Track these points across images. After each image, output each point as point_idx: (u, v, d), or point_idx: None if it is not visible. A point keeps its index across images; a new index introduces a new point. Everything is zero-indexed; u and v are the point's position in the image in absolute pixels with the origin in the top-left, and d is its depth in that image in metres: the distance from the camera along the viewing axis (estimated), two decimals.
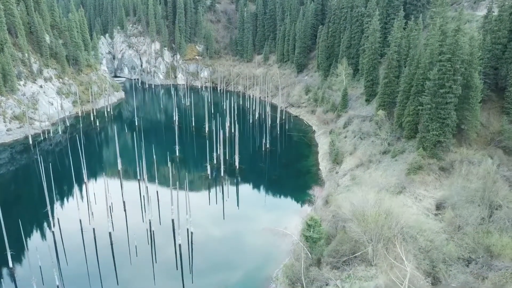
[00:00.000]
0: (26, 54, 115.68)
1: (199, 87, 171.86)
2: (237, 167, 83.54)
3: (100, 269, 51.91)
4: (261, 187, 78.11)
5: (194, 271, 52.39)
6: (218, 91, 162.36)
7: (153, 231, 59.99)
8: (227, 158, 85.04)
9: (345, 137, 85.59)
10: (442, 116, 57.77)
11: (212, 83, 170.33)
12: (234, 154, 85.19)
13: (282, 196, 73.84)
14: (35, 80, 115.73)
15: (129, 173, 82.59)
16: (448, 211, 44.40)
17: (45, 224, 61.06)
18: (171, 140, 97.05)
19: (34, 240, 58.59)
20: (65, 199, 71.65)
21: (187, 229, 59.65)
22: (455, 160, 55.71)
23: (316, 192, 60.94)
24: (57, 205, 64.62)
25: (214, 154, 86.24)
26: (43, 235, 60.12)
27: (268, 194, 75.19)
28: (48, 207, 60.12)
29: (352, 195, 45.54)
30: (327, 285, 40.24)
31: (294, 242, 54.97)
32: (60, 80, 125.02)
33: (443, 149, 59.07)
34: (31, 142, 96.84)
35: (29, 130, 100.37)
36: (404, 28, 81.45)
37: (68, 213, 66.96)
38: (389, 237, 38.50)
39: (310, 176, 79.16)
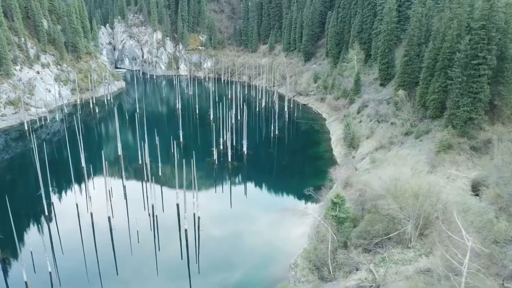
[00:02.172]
0: (23, 39, 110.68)
1: (202, 77, 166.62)
2: (245, 153, 78.36)
3: (98, 257, 46.65)
4: (271, 173, 73.02)
5: (201, 260, 46.93)
6: (222, 81, 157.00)
7: (156, 216, 54.89)
8: (234, 144, 79.82)
9: (360, 121, 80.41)
10: (474, 90, 52.64)
11: (216, 73, 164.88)
12: (242, 139, 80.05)
13: (294, 182, 68.51)
14: (32, 65, 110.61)
15: (130, 159, 77.33)
16: (492, 189, 39.19)
17: (38, 209, 55.73)
18: (174, 127, 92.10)
19: (26, 225, 53.44)
20: (61, 184, 65.93)
21: (194, 214, 54.52)
22: (491, 138, 50.48)
23: (338, 171, 55.45)
24: (52, 189, 59.23)
25: (221, 140, 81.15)
26: (35, 220, 54.86)
27: (278, 180, 69.98)
28: (42, 190, 54.98)
29: (382, 172, 40.36)
30: (357, 270, 35.12)
31: (313, 226, 49.83)
32: (58, 66, 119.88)
33: (474, 126, 53.91)
34: (26, 128, 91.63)
35: (25, 116, 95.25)
36: (424, 3, 76.23)
37: (64, 198, 61.99)
38: (431, 213, 33.31)
39: (323, 162, 73.96)
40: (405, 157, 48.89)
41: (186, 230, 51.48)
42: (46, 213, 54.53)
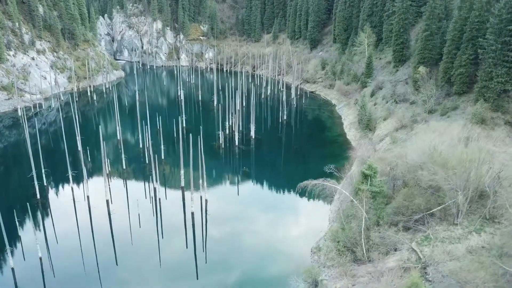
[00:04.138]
0: (17, 23, 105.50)
1: (204, 68, 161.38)
2: (253, 137, 73.44)
3: (95, 243, 41.80)
4: (282, 158, 67.98)
5: (208, 248, 41.75)
6: (224, 72, 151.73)
7: (159, 199, 49.95)
8: (240, 128, 74.86)
9: (375, 104, 75.59)
10: (509, 59, 47.79)
11: (218, 64, 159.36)
12: (249, 123, 75.15)
13: (307, 166, 63.48)
14: (27, 51, 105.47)
15: (131, 144, 72.48)
16: None
17: (30, 192, 50.64)
18: (176, 113, 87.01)
19: (14, 209, 47.93)
20: (55, 167, 60.27)
21: (201, 197, 49.61)
22: None
23: (357, 151, 50.50)
24: (45, 171, 54.03)
25: (227, 123, 76.24)
26: (26, 204, 49.29)
27: (290, 164, 64.86)
28: (34, 172, 49.91)
29: (419, 142, 35.42)
30: (395, 250, 30.21)
31: (333, 208, 45.03)
32: (55, 53, 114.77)
33: (509, 99, 49.07)
34: (20, 115, 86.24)
35: (19, 102, 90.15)
36: None
37: (59, 181, 56.70)
38: (482, 183, 28.42)
39: (337, 145, 69.20)
40: (440, 128, 43.80)
41: (192, 214, 46.55)
42: (38, 196, 49.54)
